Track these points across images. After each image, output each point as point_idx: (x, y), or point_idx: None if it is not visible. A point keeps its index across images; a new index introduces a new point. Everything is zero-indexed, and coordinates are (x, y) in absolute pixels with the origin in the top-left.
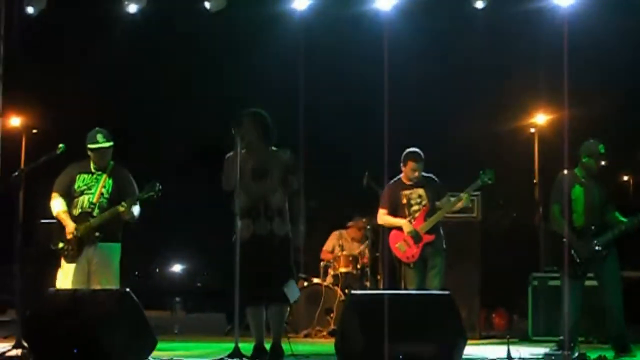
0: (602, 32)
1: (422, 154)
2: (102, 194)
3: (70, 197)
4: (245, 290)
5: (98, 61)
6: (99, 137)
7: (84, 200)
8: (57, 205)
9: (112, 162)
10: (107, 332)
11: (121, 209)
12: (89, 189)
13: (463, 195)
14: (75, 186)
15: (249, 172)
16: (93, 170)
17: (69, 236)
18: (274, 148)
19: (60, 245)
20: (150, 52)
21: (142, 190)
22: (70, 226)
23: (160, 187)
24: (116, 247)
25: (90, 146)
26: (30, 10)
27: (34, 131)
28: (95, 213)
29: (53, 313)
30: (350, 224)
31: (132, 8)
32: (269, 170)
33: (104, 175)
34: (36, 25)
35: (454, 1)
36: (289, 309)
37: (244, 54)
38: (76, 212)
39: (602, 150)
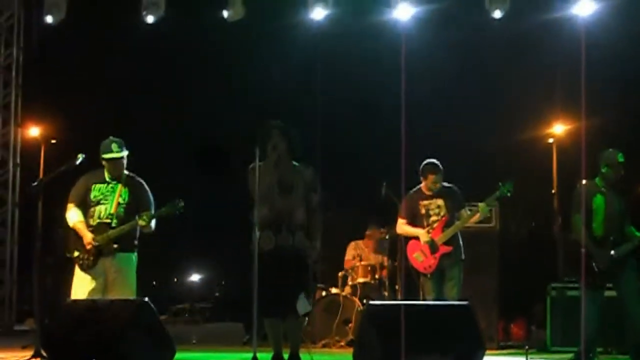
0: (620, 41)
1: (440, 165)
2: (119, 203)
3: (85, 207)
4: (264, 301)
5: (116, 71)
6: (114, 146)
7: (100, 210)
8: (74, 215)
9: (126, 172)
10: (126, 342)
11: (142, 223)
12: (105, 198)
13: (480, 207)
14: (92, 196)
15: (275, 185)
16: (108, 179)
17: (87, 247)
18: (295, 163)
19: (76, 253)
20: (167, 62)
21: (164, 206)
22: (88, 237)
23: (182, 204)
24: (133, 257)
25: (104, 156)
26: (49, 19)
27: (53, 141)
28: (113, 223)
29: (72, 323)
30: (367, 233)
31: (150, 18)
32: (294, 185)
33: (120, 185)
34: (55, 35)
35: (472, 11)
36: (306, 319)
37: (260, 64)
38: (94, 222)
39: (621, 159)
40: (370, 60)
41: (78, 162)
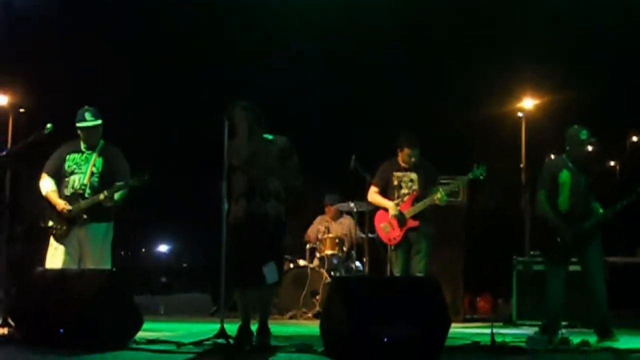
0: (593, 18)
1: (416, 139)
2: (92, 173)
3: (60, 178)
4: (236, 271)
5: (88, 39)
6: (87, 115)
7: (74, 180)
8: (47, 185)
9: (102, 141)
10: (94, 311)
11: (101, 197)
12: (79, 168)
13: (452, 184)
14: (66, 166)
15: (246, 157)
16: (83, 149)
17: (62, 213)
18: (268, 136)
19: (50, 223)
20: (139, 31)
21: (131, 178)
22: (60, 204)
23: (148, 177)
24: (106, 227)
25: (78, 125)
26: None
27: (22, 110)
28: (86, 193)
29: (40, 292)
30: (325, 207)
31: None
32: (268, 155)
33: (94, 154)
34: (24, 3)
35: None
36: (274, 290)
37: (229, 36)
38: (67, 192)
39: (584, 137)
40: (343, 36)
41: (47, 131)
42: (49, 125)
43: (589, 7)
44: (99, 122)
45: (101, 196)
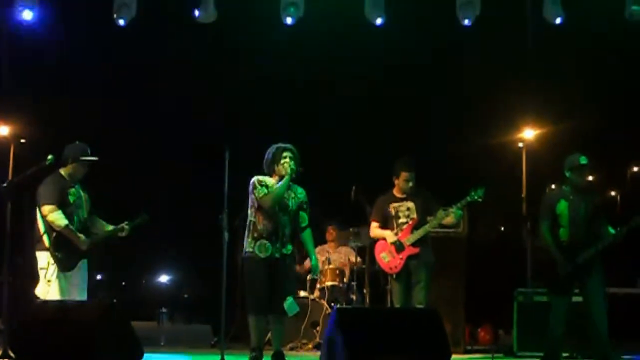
0: (591, 47)
1: (413, 162)
2: (86, 207)
3: (64, 211)
4: (255, 300)
5: (87, 71)
6: (89, 151)
7: (78, 214)
8: (63, 218)
9: None
10: (94, 343)
11: (123, 234)
12: (80, 202)
13: (452, 211)
14: (70, 200)
15: (278, 200)
16: (71, 183)
17: (83, 247)
18: (294, 185)
19: (61, 255)
20: (138, 64)
21: (132, 220)
22: (82, 239)
23: (148, 217)
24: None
25: (86, 158)
26: (22, 17)
27: (22, 141)
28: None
29: (40, 323)
30: (327, 235)
31: (121, 21)
32: (290, 203)
33: (80, 189)
34: (26, 33)
35: (443, 18)
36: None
37: (233, 65)
38: (75, 226)
39: (583, 162)
40: (343, 64)
41: (48, 163)
42: (50, 157)
43: (589, 37)
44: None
45: (124, 233)
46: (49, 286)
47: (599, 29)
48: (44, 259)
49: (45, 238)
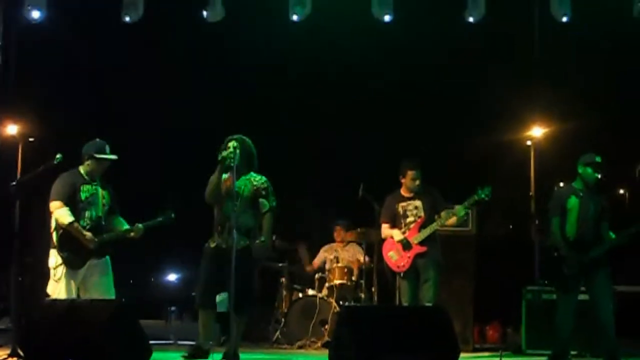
0: (599, 45)
1: (419, 161)
2: (103, 205)
3: (73, 208)
4: (197, 292)
5: (96, 70)
6: (107, 148)
7: (91, 211)
8: (69, 215)
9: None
10: (103, 342)
11: (134, 235)
12: (93, 200)
13: (458, 210)
14: (82, 197)
15: (225, 192)
16: (88, 180)
17: (90, 246)
18: (252, 173)
19: (66, 254)
20: (146, 62)
21: (157, 217)
22: (89, 237)
23: (174, 215)
24: (109, 259)
25: (100, 155)
26: (30, 16)
27: (31, 139)
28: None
29: (49, 322)
30: (335, 234)
31: (128, 19)
32: (241, 192)
33: (99, 187)
34: (34, 32)
35: (451, 16)
36: (245, 321)
37: (240, 63)
38: (84, 223)
39: (599, 160)
40: (350, 61)
41: (56, 162)
42: (58, 156)
43: (597, 34)
44: (115, 157)
45: (133, 234)
46: (57, 284)
47: (607, 27)
48: (53, 258)
49: (54, 235)
